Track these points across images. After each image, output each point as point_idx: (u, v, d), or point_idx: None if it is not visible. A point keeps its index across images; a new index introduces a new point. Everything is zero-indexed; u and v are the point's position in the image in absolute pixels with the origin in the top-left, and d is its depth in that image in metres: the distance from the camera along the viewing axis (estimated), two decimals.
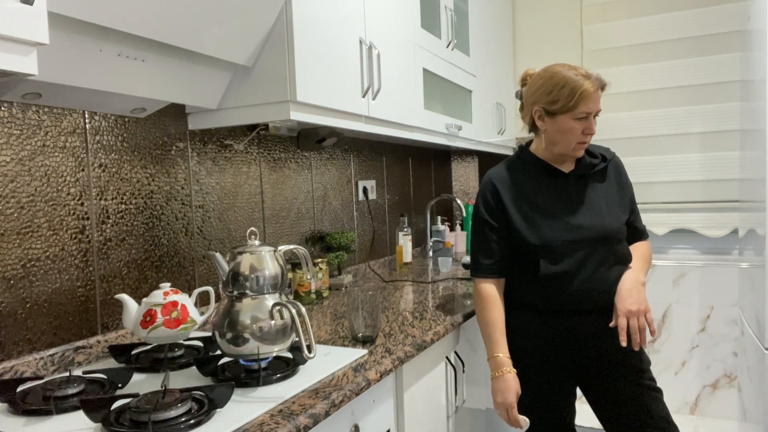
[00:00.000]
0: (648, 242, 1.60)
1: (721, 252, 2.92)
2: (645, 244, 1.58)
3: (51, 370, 1.21)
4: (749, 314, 2.20)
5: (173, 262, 1.54)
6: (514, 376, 1.43)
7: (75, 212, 1.29)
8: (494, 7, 3.00)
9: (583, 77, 1.39)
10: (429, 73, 2.22)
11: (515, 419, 1.42)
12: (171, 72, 1.31)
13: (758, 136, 1.97)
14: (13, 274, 1.16)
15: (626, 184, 1.56)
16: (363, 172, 2.51)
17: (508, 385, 1.42)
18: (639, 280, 1.44)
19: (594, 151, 1.55)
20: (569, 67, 1.42)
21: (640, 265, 1.51)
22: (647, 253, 1.56)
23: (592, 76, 1.41)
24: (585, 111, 1.40)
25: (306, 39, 1.45)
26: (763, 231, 1.90)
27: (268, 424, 0.91)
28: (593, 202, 1.48)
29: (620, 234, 1.48)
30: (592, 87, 1.39)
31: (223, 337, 1.13)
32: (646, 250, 1.57)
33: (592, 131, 1.43)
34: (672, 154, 2.95)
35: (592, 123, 1.43)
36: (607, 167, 1.54)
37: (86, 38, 1.08)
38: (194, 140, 1.61)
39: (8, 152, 1.16)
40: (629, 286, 1.42)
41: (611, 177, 1.54)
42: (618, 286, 1.43)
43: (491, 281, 1.52)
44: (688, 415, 2.98)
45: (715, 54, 2.84)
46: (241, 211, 1.78)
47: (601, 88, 1.42)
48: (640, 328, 1.38)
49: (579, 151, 1.46)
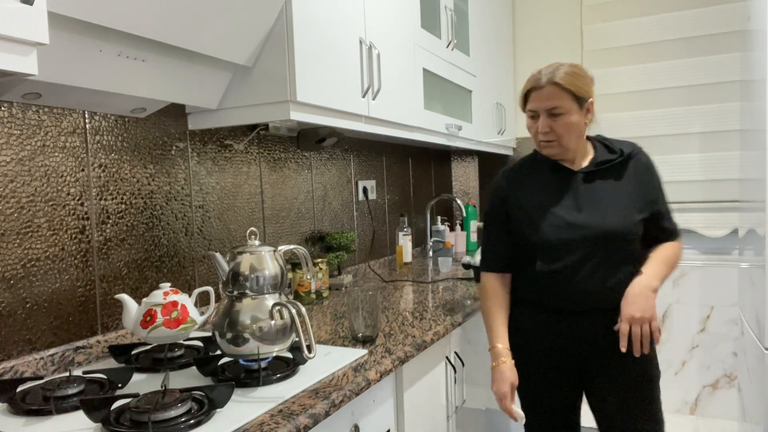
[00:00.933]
0: (678, 243, 1.51)
1: (721, 252, 2.92)
2: (672, 245, 1.49)
3: (51, 370, 1.21)
4: (749, 314, 2.20)
5: (173, 262, 1.54)
6: (510, 367, 1.43)
7: (75, 212, 1.29)
8: (494, 7, 2.99)
9: (536, 74, 1.40)
10: (429, 73, 2.22)
11: (508, 410, 1.41)
12: (171, 72, 1.31)
13: (758, 136, 1.97)
14: (13, 274, 1.16)
15: (650, 182, 1.46)
16: (363, 172, 2.51)
17: (503, 375, 1.42)
18: (650, 285, 1.38)
19: (614, 146, 1.49)
20: (548, 65, 1.41)
21: (657, 269, 1.43)
22: (672, 255, 1.47)
23: (543, 72, 1.39)
24: (530, 109, 1.41)
25: (306, 39, 1.45)
26: (763, 231, 1.90)
27: (268, 424, 0.91)
28: (600, 200, 1.44)
29: (628, 234, 1.41)
30: (537, 84, 1.38)
31: (223, 337, 1.13)
32: (672, 251, 1.48)
33: (542, 130, 1.40)
34: (672, 154, 2.94)
35: (542, 122, 1.39)
36: (626, 164, 1.47)
37: (86, 38, 1.08)
38: (194, 140, 1.61)
39: (8, 152, 1.16)
40: (638, 291, 1.38)
41: (630, 174, 1.46)
42: (627, 290, 1.39)
43: (495, 275, 1.52)
44: (688, 415, 2.97)
45: (715, 54, 2.84)
46: (241, 211, 1.78)
47: (554, 83, 1.36)
48: (643, 336, 1.35)
49: (546, 149, 1.44)
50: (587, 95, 1.40)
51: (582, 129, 1.42)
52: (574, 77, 1.38)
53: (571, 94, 1.37)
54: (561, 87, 1.36)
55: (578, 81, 1.38)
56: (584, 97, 1.39)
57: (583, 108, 1.40)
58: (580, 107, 1.39)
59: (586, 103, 1.40)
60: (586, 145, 1.49)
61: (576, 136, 1.41)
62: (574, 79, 1.37)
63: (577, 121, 1.40)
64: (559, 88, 1.36)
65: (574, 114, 1.39)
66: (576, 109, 1.39)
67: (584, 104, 1.40)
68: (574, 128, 1.40)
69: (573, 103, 1.38)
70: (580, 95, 1.38)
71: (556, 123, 1.39)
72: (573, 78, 1.37)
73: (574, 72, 1.39)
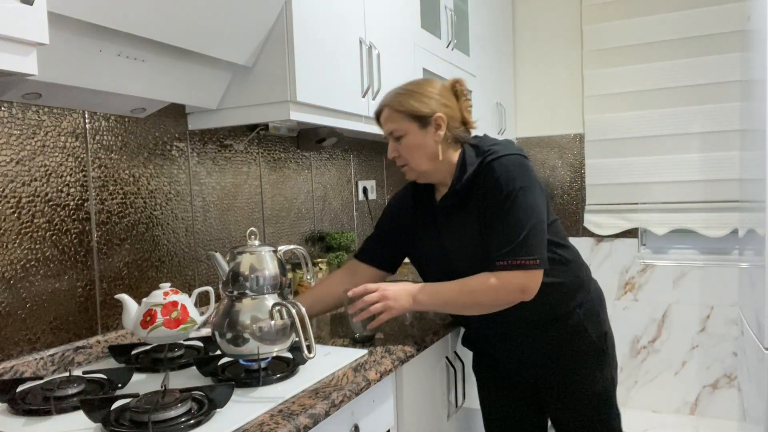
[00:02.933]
0: (494, 274, 1.22)
1: (721, 252, 2.92)
2: (484, 278, 1.23)
3: (51, 370, 1.21)
4: (749, 314, 2.20)
5: (173, 262, 1.54)
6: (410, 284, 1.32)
7: (75, 212, 1.29)
8: (494, 7, 2.99)
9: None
10: (429, 73, 2.22)
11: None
12: (171, 72, 1.31)
13: (758, 136, 1.97)
14: (13, 274, 1.16)
15: (492, 202, 1.23)
16: (363, 172, 2.51)
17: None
18: (413, 292, 1.28)
19: (478, 154, 1.31)
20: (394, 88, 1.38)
21: (441, 289, 1.27)
22: (475, 286, 1.23)
23: (384, 96, 1.36)
24: (384, 134, 1.38)
25: (306, 39, 1.45)
26: (763, 231, 1.90)
27: (268, 424, 0.91)
28: (454, 239, 1.33)
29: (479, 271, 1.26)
30: (377, 109, 1.37)
31: (223, 337, 1.13)
32: (477, 284, 1.23)
33: (389, 155, 1.36)
34: (672, 154, 2.94)
35: (390, 147, 1.35)
36: (472, 188, 1.28)
37: (86, 38, 1.08)
38: (194, 140, 1.61)
39: (8, 152, 1.16)
40: (403, 287, 1.29)
41: (480, 197, 1.27)
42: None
43: (354, 262, 1.51)
44: (688, 415, 2.97)
45: (715, 54, 2.84)
46: (241, 211, 1.78)
47: (387, 107, 1.33)
48: (369, 306, 1.26)
49: (406, 174, 1.38)
50: (429, 112, 1.30)
51: (432, 148, 1.31)
52: (407, 96, 1.31)
53: (406, 115, 1.30)
54: (394, 109, 1.31)
55: (412, 99, 1.30)
56: (425, 114, 1.30)
57: (428, 126, 1.30)
58: (423, 126, 1.30)
59: (429, 119, 1.30)
60: (450, 161, 1.34)
61: (426, 156, 1.32)
62: (406, 99, 1.30)
63: (422, 141, 1.30)
64: (392, 110, 1.32)
65: (414, 134, 1.31)
66: (416, 128, 1.30)
67: (428, 121, 1.30)
68: (419, 149, 1.31)
69: (411, 123, 1.30)
70: (419, 114, 1.30)
71: (401, 146, 1.33)
72: (406, 97, 1.31)
73: (409, 90, 1.32)
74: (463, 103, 1.36)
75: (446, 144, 1.33)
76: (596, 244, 3.16)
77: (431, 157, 1.32)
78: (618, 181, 3.06)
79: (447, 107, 1.32)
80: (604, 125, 3.08)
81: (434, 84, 1.34)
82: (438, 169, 1.34)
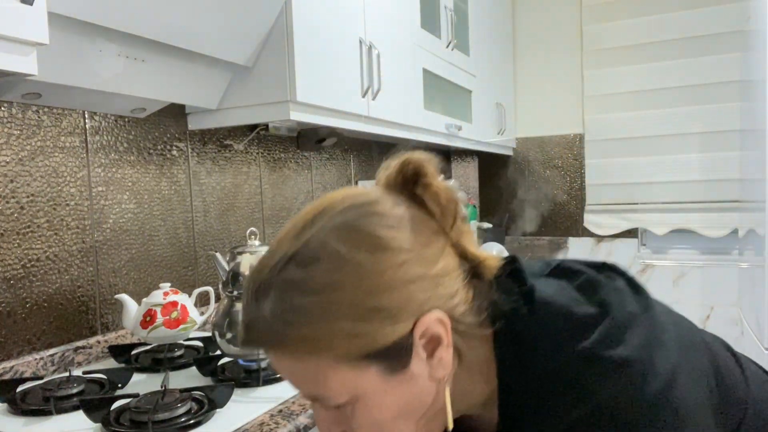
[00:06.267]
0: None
1: (721, 252, 2.92)
2: None
3: (51, 371, 1.21)
4: (749, 314, 2.20)
5: (173, 262, 1.54)
6: None
7: (75, 212, 1.29)
8: (494, 7, 2.99)
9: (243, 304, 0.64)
10: (429, 73, 2.22)
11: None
12: (171, 72, 1.30)
13: (758, 136, 1.97)
14: (13, 274, 1.16)
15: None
16: (363, 172, 2.51)
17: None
18: None
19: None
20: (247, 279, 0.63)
21: None
22: None
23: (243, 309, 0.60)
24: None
25: (306, 39, 1.45)
26: (763, 231, 1.90)
27: (268, 424, 0.91)
28: None
29: None
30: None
31: (223, 337, 1.12)
32: None
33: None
34: (672, 154, 2.94)
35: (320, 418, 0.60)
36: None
37: (86, 38, 1.08)
38: (194, 140, 1.61)
39: (8, 152, 1.16)
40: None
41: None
42: None
43: None
44: None
45: (715, 54, 2.84)
46: (241, 211, 1.78)
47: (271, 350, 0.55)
48: None
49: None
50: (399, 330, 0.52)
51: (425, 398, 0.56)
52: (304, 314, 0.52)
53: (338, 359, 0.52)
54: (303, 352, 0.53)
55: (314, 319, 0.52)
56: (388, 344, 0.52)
57: (402, 361, 0.53)
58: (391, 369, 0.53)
59: (404, 346, 0.53)
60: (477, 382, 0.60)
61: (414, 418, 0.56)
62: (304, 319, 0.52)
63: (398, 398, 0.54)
64: (286, 358, 0.54)
65: (374, 393, 0.53)
66: (375, 379, 0.53)
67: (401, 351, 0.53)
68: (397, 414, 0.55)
69: (360, 373, 0.53)
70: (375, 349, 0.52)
71: (354, 418, 0.55)
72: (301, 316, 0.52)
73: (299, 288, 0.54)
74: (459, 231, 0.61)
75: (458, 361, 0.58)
76: (596, 245, 3.16)
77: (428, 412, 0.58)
78: (618, 181, 3.06)
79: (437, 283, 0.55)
80: (604, 125, 3.08)
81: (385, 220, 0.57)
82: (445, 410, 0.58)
